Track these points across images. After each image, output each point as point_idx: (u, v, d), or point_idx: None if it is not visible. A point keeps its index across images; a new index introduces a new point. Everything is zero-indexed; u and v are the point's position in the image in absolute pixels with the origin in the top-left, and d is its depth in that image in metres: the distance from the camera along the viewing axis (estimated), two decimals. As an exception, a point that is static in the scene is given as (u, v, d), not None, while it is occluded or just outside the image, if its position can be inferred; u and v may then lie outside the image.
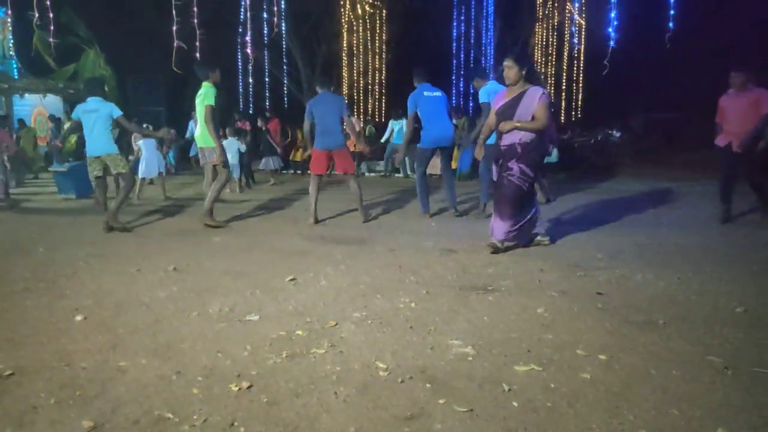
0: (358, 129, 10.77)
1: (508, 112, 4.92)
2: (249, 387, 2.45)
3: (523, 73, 4.88)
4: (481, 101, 6.56)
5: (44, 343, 2.99)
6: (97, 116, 6.10)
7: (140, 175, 9.24)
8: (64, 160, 12.24)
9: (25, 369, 2.67)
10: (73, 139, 11.94)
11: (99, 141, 6.18)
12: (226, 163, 6.50)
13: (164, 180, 9.90)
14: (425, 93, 6.67)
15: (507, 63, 4.92)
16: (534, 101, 4.80)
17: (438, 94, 6.70)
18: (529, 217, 5.08)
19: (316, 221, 6.66)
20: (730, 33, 19.06)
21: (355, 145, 9.32)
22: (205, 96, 6.31)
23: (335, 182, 10.52)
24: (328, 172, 7.06)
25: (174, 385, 2.49)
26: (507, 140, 4.93)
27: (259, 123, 12.29)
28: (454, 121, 7.34)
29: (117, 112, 6.14)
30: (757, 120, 5.80)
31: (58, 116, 14.98)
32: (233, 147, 10.49)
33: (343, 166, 6.68)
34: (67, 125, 12.38)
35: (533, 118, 4.80)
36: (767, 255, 4.73)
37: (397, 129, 13.32)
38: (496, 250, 4.93)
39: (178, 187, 11.07)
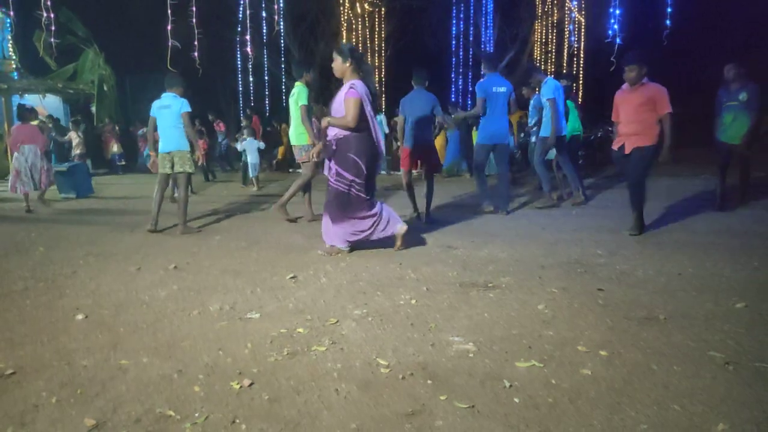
0: (447, 126, 10.79)
1: (333, 105, 4.83)
2: (250, 384, 2.45)
3: (348, 64, 4.73)
4: (547, 98, 7.09)
5: (44, 343, 2.99)
6: (170, 112, 6.08)
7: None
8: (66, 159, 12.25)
9: (25, 368, 2.66)
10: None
11: (172, 137, 6.13)
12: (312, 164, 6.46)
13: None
14: (494, 88, 6.60)
15: (334, 55, 4.84)
16: (342, 95, 4.68)
17: (503, 89, 6.60)
18: (371, 224, 4.86)
19: (419, 215, 6.60)
20: (727, 28, 19.09)
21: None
22: (298, 96, 6.39)
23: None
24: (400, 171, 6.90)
25: (175, 383, 2.49)
26: (329, 135, 4.83)
27: (243, 122, 12.44)
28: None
29: (186, 108, 6.10)
30: (648, 117, 5.34)
31: (57, 116, 14.97)
32: (253, 146, 10.71)
33: (431, 163, 6.65)
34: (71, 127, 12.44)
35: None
36: (768, 250, 4.73)
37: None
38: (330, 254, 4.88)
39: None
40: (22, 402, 2.34)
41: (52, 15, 10.19)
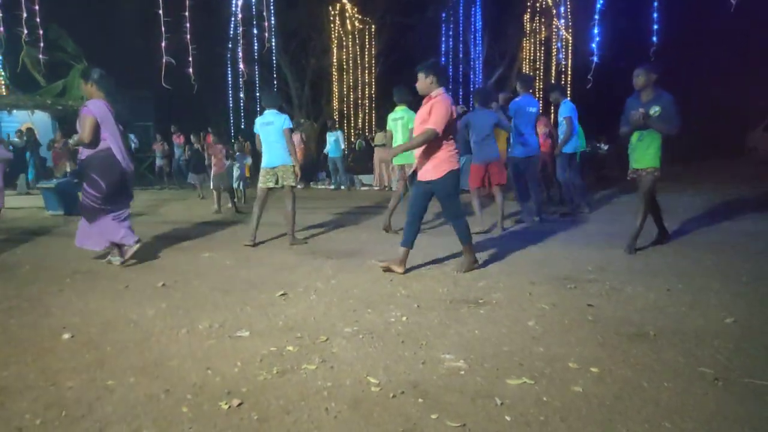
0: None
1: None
2: (239, 404, 2.42)
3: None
4: (564, 116, 7.89)
5: (29, 363, 2.94)
6: (274, 128, 6.23)
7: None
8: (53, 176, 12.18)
9: (9, 389, 2.62)
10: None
11: (277, 152, 6.26)
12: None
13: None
14: (528, 108, 7.14)
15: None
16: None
17: (534, 110, 7.20)
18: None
19: (490, 230, 6.86)
20: (710, 46, 19.45)
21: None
22: (408, 119, 6.65)
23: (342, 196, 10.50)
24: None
25: (163, 403, 2.45)
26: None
27: (193, 139, 12.67)
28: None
29: (288, 124, 6.28)
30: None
31: (46, 133, 14.93)
32: (242, 161, 10.85)
33: (497, 178, 6.89)
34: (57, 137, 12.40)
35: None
36: (756, 266, 4.76)
37: (333, 140, 13.97)
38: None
39: (164, 203, 11.01)
40: (5, 424, 2.29)
41: (40, 31, 10.19)
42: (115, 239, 5.34)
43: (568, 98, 8.50)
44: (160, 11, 9.62)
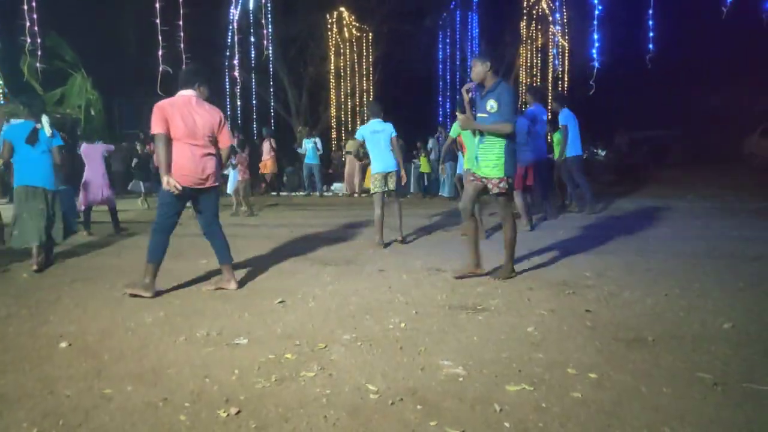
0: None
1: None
2: (237, 412, 2.41)
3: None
4: (561, 124, 8.50)
5: (26, 371, 2.93)
6: (383, 136, 6.57)
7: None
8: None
9: (6, 397, 2.60)
10: None
11: (389, 158, 6.59)
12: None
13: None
14: (542, 117, 8.06)
15: None
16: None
17: (545, 118, 8.26)
18: None
19: (533, 227, 7.43)
20: (706, 53, 19.58)
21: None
22: (389, 132, 6.82)
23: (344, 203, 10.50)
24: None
25: (160, 411, 2.44)
26: None
27: (138, 146, 12.90)
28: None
29: (394, 133, 6.65)
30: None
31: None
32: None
33: (530, 179, 7.54)
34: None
35: None
36: (754, 271, 4.77)
37: (310, 147, 14.16)
38: None
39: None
40: (2, 433, 2.28)
41: (38, 40, 10.21)
42: None
43: (565, 107, 8.86)
44: (157, 20, 9.65)
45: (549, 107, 10.14)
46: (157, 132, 4.23)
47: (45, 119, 5.73)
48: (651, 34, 10.57)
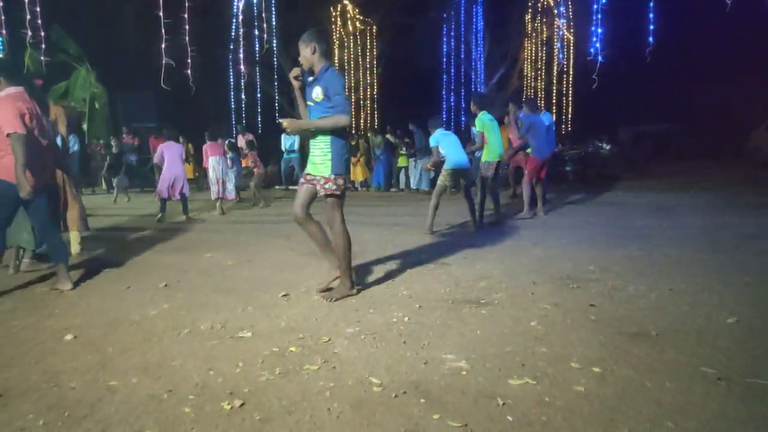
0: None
1: None
2: (241, 405, 2.42)
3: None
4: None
5: (32, 364, 2.95)
6: (455, 138, 7.09)
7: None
8: None
9: (12, 390, 2.62)
10: None
11: (464, 156, 7.02)
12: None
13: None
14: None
15: None
16: None
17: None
18: None
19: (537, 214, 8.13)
20: (708, 47, 19.46)
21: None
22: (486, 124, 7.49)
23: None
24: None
25: (165, 404, 2.45)
26: None
27: (113, 142, 13.35)
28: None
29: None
30: None
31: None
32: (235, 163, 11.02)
33: (545, 172, 8.34)
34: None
35: None
36: (758, 265, 4.75)
37: (290, 143, 14.26)
38: None
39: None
40: (7, 425, 2.29)
41: (42, 33, 10.20)
42: None
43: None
44: (161, 13, 9.62)
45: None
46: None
47: None
48: (651, 27, 10.52)
